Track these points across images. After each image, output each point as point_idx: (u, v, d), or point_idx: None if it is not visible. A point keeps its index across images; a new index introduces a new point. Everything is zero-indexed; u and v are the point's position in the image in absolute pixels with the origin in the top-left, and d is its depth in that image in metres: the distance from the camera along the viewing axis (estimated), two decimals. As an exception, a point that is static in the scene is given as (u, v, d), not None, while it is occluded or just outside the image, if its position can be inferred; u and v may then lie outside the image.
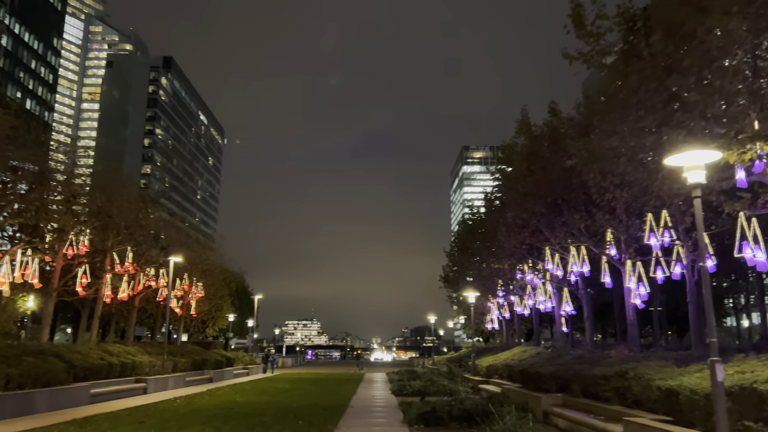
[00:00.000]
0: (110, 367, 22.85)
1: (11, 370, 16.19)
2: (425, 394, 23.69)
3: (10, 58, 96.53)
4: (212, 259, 47.53)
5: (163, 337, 31.61)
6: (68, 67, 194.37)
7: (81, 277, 27.61)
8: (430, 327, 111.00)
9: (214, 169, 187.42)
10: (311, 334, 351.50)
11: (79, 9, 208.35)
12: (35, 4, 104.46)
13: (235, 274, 67.79)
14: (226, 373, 37.66)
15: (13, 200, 22.87)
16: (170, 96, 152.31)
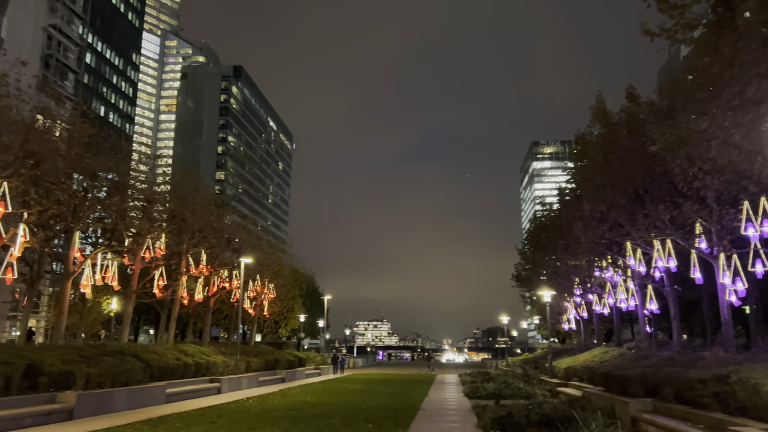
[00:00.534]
0: (185, 367, 23.28)
1: (91, 369, 16.65)
2: (500, 397, 22.75)
3: (94, 74, 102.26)
4: (283, 261, 48.14)
5: (238, 338, 32.09)
6: (146, 81, 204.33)
7: (158, 279, 28.43)
8: (502, 328, 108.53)
9: (284, 173, 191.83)
10: (382, 335, 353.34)
11: (156, 25, 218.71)
12: (115, 23, 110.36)
13: (305, 275, 68.70)
14: (298, 373, 37.93)
15: (93, 205, 23.75)
16: (241, 104, 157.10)
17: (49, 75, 39.81)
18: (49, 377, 15.18)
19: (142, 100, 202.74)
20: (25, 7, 39.34)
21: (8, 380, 14.03)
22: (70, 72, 44.20)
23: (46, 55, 40.38)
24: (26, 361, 14.88)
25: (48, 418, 14.28)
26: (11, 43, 36.25)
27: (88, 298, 28.89)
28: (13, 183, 19.17)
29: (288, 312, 57.92)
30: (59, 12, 42.29)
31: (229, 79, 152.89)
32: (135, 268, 28.14)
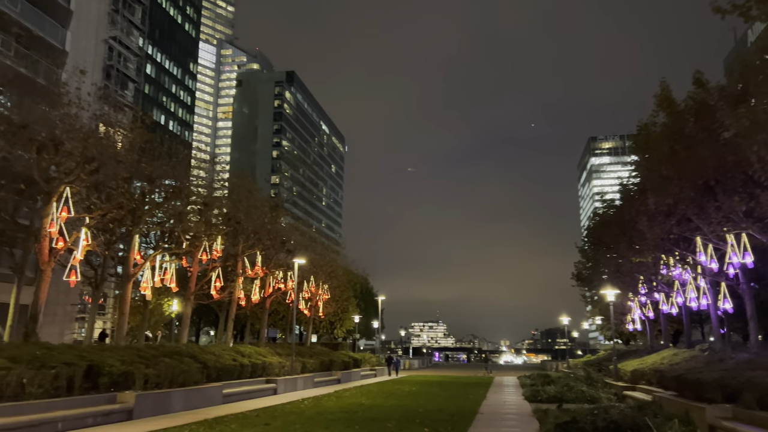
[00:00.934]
0: (242, 367, 23.43)
1: (149, 370, 16.87)
2: (562, 400, 21.78)
3: (154, 84, 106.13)
4: (336, 262, 48.25)
5: (293, 339, 32.25)
6: (204, 90, 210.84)
7: (215, 281, 28.85)
8: (562, 329, 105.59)
9: (336, 175, 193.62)
10: (437, 336, 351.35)
11: (212, 35, 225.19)
12: (173, 34, 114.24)
13: (359, 276, 68.75)
14: (354, 374, 37.80)
15: (151, 209, 24.28)
16: (294, 108, 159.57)
17: (110, 85, 41.27)
18: (109, 378, 15.44)
19: (200, 108, 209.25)
20: (87, 20, 40.88)
21: (71, 380, 14.32)
22: (130, 81, 45.78)
23: (107, 65, 41.93)
24: (87, 361, 15.18)
25: (108, 418, 14.50)
26: (75, 55, 37.66)
27: (149, 300, 29.55)
28: (75, 188, 19.75)
29: (343, 313, 58.06)
30: (119, 24, 43.85)
31: (282, 85, 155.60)
32: (193, 270, 28.67)
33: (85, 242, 20.16)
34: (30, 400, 12.86)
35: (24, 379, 12.88)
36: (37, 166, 19.46)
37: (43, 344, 16.14)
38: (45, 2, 36.36)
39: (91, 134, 20.83)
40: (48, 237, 19.53)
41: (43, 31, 35.44)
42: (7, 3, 33.73)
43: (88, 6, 41.46)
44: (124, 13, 44.71)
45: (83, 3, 40.86)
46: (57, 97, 22.94)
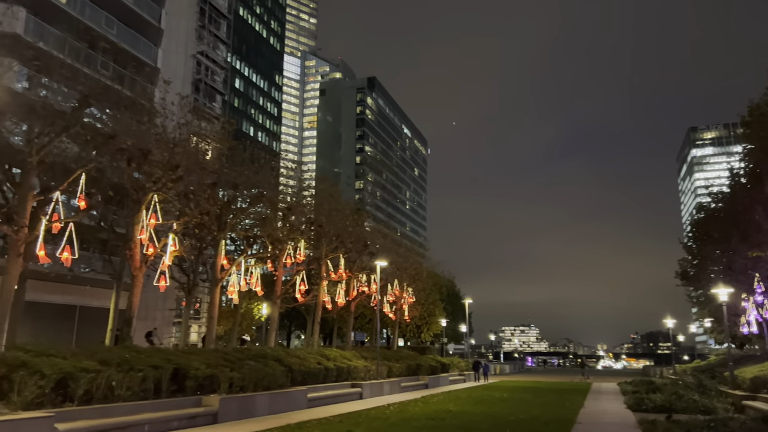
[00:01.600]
0: (327, 371, 23.21)
1: (233, 373, 16.88)
2: (671, 410, 19.82)
3: (242, 97, 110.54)
4: (420, 264, 47.52)
5: (378, 342, 31.82)
6: (290, 101, 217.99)
7: (299, 284, 28.97)
8: (665, 332, 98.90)
9: (419, 179, 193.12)
10: (529, 341, 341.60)
11: (296, 48, 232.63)
12: (259, 48, 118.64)
13: (444, 279, 67.64)
14: (442, 379, 36.85)
15: (236, 214, 24.67)
16: (376, 114, 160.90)
17: (199, 98, 42.88)
18: (194, 381, 15.54)
19: (287, 119, 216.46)
20: (177, 37, 42.76)
21: (158, 383, 14.49)
22: (218, 94, 47.49)
23: (195, 79, 43.62)
24: (174, 365, 15.34)
25: (193, 421, 14.54)
26: (166, 71, 39.44)
27: (236, 304, 30.22)
28: (162, 195, 20.31)
29: (429, 316, 57.25)
30: (206, 39, 45.61)
31: (363, 91, 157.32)
32: (278, 274, 28.94)
33: (173, 248, 20.67)
34: (118, 402, 13.06)
35: (113, 382, 13.10)
36: (127, 175, 20.21)
37: (133, 347, 16.53)
38: (138, 23, 38.40)
39: (177, 143, 21.42)
40: (139, 243, 20.18)
41: (138, 51, 37.33)
42: (105, 26, 35.85)
43: (178, 24, 43.42)
44: (210, 28, 46.53)
45: (173, 21, 42.92)
46: (148, 110, 23.93)
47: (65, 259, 16.35)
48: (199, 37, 45.12)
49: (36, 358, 12.20)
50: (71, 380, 12.18)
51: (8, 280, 15.79)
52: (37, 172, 16.36)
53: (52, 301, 31.75)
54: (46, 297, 31.22)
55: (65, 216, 17.03)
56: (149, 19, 38.93)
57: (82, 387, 12.28)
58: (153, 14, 39.58)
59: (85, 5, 34.71)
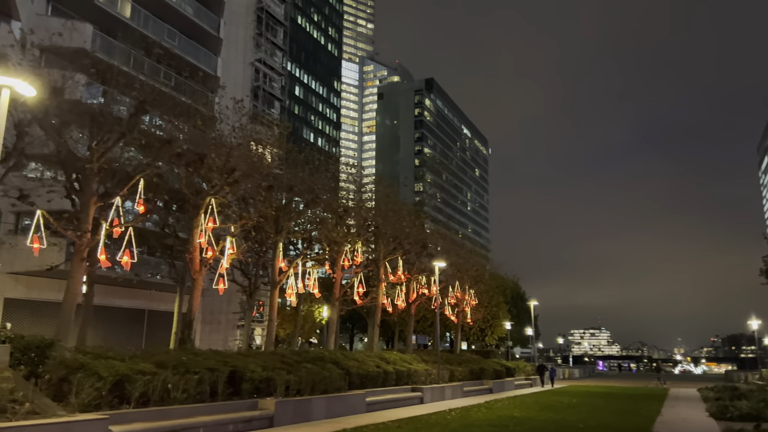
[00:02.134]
0: (386, 375, 22.75)
1: (290, 376, 16.67)
2: (760, 419, 18.14)
3: (302, 104, 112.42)
4: (482, 265, 46.37)
5: (438, 345, 31.11)
6: (349, 107, 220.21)
7: (357, 286, 28.70)
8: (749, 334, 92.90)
9: (481, 179, 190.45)
10: (600, 344, 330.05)
11: (354, 54, 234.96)
12: (318, 56, 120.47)
13: (508, 281, 66.01)
14: (507, 383, 35.67)
15: (292, 217, 24.65)
16: (434, 115, 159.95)
17: (258, 105, 43.57)
18: (250, 383, 15.42)
19: (347, 125, 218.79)
20: (235, 46, 43.68)
21: (214, 386, 14.43)
22: (276, 100, 48.18)
23: (254, 87, 44.37)
24: (230, 367, 15.27)
25: (249, 425, 14.38)
26: (226, 79, 40.36)
27: (294, 306, 30.37)
28: (219, 199, 20.48)
29: (493, 319, 55.91)
30: (263, 46, 46.35)
31: (421, 93, 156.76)
32: (336, 276, 28.77)
33: (231, 251, 20.78)
34: (174, 405, 13.04)
35: (169, 384, 13.10)
36: (186, 180, 20.51)
37: (191, 350, 16.63)
38: (199, 34, 39.42)
39: (233, 147, 21.60)
40: (198, 247, 20.41)
41: (198, 60, 38.29)
42: (167, 38, 36.97)
43: (236, 33, 44.35)
44: (267, 36, 47.26)
45: (231, 30, 43.90)
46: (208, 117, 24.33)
47: (125, 263, 16.66)
48: (257, 44, 45.95)
49: (94, 360, 12.34)
50: (128, 382, 12.24)
51: (73, 284, 16.21)
52: (97, 178, 16.74)
53: (122, 306, 32.90)
54: (116, 301, 32.36)
55: (125, 221, 17.35)
56: (209, 30, 39.89)
57: (138, 389, 12.31)
58: (212, 24, 40.55)
59: (148, 19, 35.88)
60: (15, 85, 9.34)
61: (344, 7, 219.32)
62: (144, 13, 35.57)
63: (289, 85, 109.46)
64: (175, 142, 18.50)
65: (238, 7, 44.81)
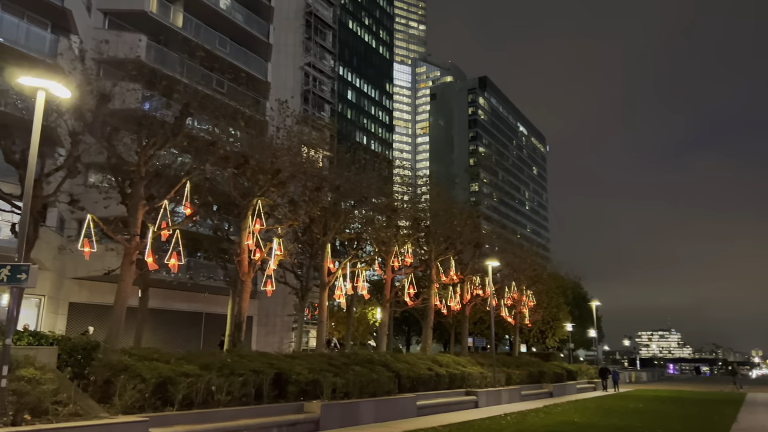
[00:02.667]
0: (438, 378, 22.10)
1: (336, 379, 16.31)
2: None
3: (355, 108, 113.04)
4: (539, 264, 44.86)
5: (494, 348, 30.14)
6: (402, 109, 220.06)
7: (408, 287, 28.16)
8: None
9: (539, 177, 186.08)
10: (670, 346, 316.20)
11: (406, 56, 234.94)
12: (369, 59, 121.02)
13: (569, 281, 63.81)
14: (568, 387, 34.22)
15: (341, 218, 24.38)
16: (488, 114, 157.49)
17: (309, 108, 43.80)
18: (296, 386, 15.15)
19: (400, 127, 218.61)
20: (285, 51, 44.12)
21: (259, 388, 14.24)
22: (326, 103, 48.34)
23: (304, 90, 44.65)
24: (275, 369, 15.06)
25: (294, 428, 14.09)
26: (276, 84, 40.76)
27: (352, 309, 30.17)
28: (265, 201, 20.44)
29: (553, 321, 54.10)
30: (312, 50, 46.60)
31: (474, 92, 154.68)
32: (386, 277, 28.34)
33: (279, 252, 20.69)
34: (218, 407, 12.90)
35: (213, 387, 12.97)
36: (233, 182, 20.58)
37: (237, 352, 16.53)
38: (249, 40, 40.00)
39: (279, 148, 21.56)
40: (246, 249, 20.42)
41: (249, 66, 38.82)
42: (218, 46, 37.65)
43: (285, 38, 44.77)
44: (316, 39, 47.50)
45: (281, 36, 44.36)
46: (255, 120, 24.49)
47: (172, 265, 16.76)
48: (306, 48, 46.25)
49: (138, 362, 12.34)
50: (170, 384, 12.17)
51: (122, 287, 16.44)
52: (145, 182, 16.94)
53: (180, 309, 33.62)
54: (175, 305, 33.13)
55: (173, 224, 17.49)
56: (259, 36, 40.42)
57: (181, 391, 12.22)
58: (262, 31, 41.06)
59: (200, 27, 36.63)
60: (50, 87, 9.40)
61: (395, 10, 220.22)
62: (195, 22, 36.35)
63: (341, 89, 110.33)
64: (219, 144, 18.54)
65: (287, 12, 45.26)
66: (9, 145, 17.66)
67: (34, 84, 9.42)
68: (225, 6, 39.32)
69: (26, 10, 26.64)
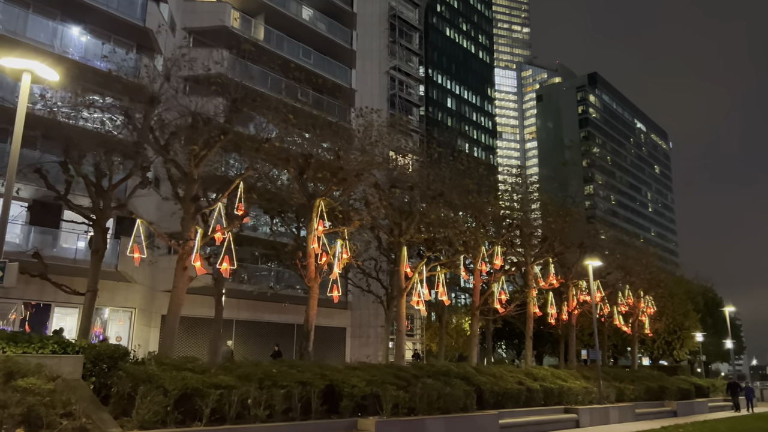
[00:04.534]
0: (529, 393, 19.48)
1: (399, 392, 14.48)
2: None
3: (455, 115, 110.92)
4: (657, 266, 40.02)
5: (599, 359, 26.69)
6: (509, 115, 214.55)
7: (498, 293, 25.66)
8: None
9: (662, 176, 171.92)
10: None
11: (510, 60, 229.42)
12: (468, 65, 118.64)
13: (699, 287, 57.18)
14: (697, 405, 29.63)
15: (415, 219, 22.62)
16: (600, 111, 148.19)
17: (395, 113, 42.67)
18: (350, 400, 13.53)
19: (507, 133, 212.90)
20: (370, 57, 43.50)
21: (306, 402, 12.80)
22: (413, 106, 46.97)
23: (390, 95, 43.58)
24: (327, 381, 13.56)
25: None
26: (362, 90, 40.17)
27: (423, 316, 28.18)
28: (327, 201, 19.23)
29: (682, 330, 48.30)
30: (397, 54, 45.54)
31: (584, 89, 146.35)
32: (475, 282, 26.07)
33: (345, 255, 19.35)
34: (254, 423, 11.59)
35: (249, 400, 11.71)
36: (300, 185, 19.61)
37: (287, 362, 15.24)
38: (332, 49, 39.70)
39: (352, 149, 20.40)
40: (312, 253, 19.30)
41: (334, 75, 38.46)
42: (302, 57, 37.62)
43: (370, 43, 44.11)
44: (401, 42, 46.39)
45: (366, 42, 43.72)
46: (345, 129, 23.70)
47: (224, 270, 15.90)
48: (391, 52, 45.22)
49: (164, 372, 11.35)
50: (198, 397, 11.04)
51: (175, 294, 15.84)
52: (196, 185, 16.32)
53: (271, 320, 33.42)
54: (265, 316, 33.05)
55: (227, 225, 16.71)
56: (342, 44, 40.01)
57: (210, 405, 11.04)
58: (345, 38, 40.63)
59: (282, 39, 36.78)
60: (35, 68, 8.70)
61: (497, 15, 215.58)
62: (278, 35, 36.50)
63: (440, 97, 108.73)
64: (272, 144, 17.60)
65: (370, 17, 44.59)
66: (75, 157, 17.97)
67: (18, 65, 8.74)
68: (308, 17, 39.32)
69: (112, 33, 27.86)
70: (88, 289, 18.11)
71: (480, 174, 28.32)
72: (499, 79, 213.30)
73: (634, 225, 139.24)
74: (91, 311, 18.10)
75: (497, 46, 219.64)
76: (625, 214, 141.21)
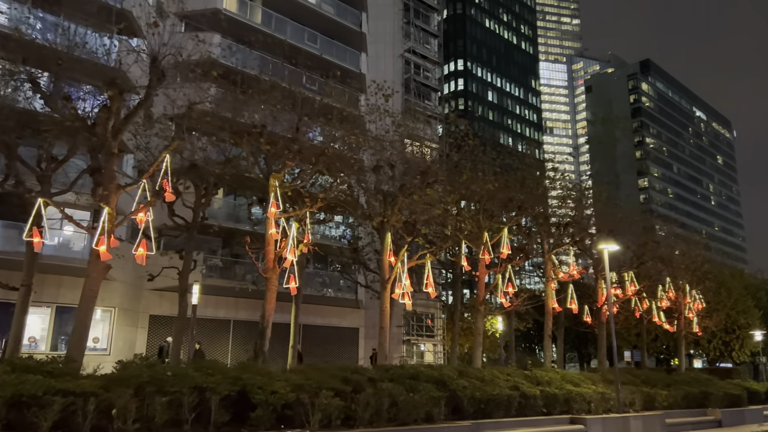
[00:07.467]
0: (525, 399, 16.34)
1: (335, 400, 11.79)
2: None
3: (497, 109, 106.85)
4: (704, 257, 35.55)
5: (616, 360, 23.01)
6: (560, 109, 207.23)
7: (505, 285, 22.49)
8: None
9: (726, 167, 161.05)
10: None
11: (560, 54, 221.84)
12: (510, 57, 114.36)
13: (763, 282, 51.73)
14: (749, 413, 25.36)
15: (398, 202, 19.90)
16: (654, 100, 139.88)
17: (410, 98, 40.06)
18: (265, 410, 10.96)
19: (558, 129, 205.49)
20: (383, 40, 41.16)
21: (206, 412, 10.35)
22: (431, 90, 44.01)
23: (405, 79, 40.95)
24: (237, 386, 11.05)
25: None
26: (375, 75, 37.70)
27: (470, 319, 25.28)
28: (281, 180, 16.86)
29: (740, 329, 43.35)
30: (413, 35, 42.81)
31: (636, 78, 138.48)
32: (479, 274, 23.00)
33: (306, 240, 16.87)
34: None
35: (113, 411, 9.38)
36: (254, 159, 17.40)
37: (206, 363, 12.89)
38: (341, 33, 37.36)
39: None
40: (272, 239, 16.97)
41: (342, 60, 36.15)
42: (307, 41, 35.47)
43: (383, 26, 41.63)
44: (416, 23, 43.61)
45: (379, 24, 41.18)
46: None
47: (138, 256, 13.69)
48: (406, 34, 42.50)
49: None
50: (37, 407, 8.78)
51: (89, 283, 13.61)
52: (118, 159, 14.22)
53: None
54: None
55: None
56: (351, 26, 37.66)
57: (51, 417, 8.78)
58: (354, 21, 38.26)
59: (285, 23, 34.72)
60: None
61: (545, 7, 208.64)
62: (280, 18, 34.46)
63: (480, 90, 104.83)
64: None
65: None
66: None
67: None
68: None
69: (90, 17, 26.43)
70: (23, 284, 16.40)
71: (525, 165, 25.67)
72: (549, 73, 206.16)
73: (695, 219, 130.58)
74: (25, 309, 16.33)
75: (546, 39, 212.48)
76: (685, 207, 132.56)
